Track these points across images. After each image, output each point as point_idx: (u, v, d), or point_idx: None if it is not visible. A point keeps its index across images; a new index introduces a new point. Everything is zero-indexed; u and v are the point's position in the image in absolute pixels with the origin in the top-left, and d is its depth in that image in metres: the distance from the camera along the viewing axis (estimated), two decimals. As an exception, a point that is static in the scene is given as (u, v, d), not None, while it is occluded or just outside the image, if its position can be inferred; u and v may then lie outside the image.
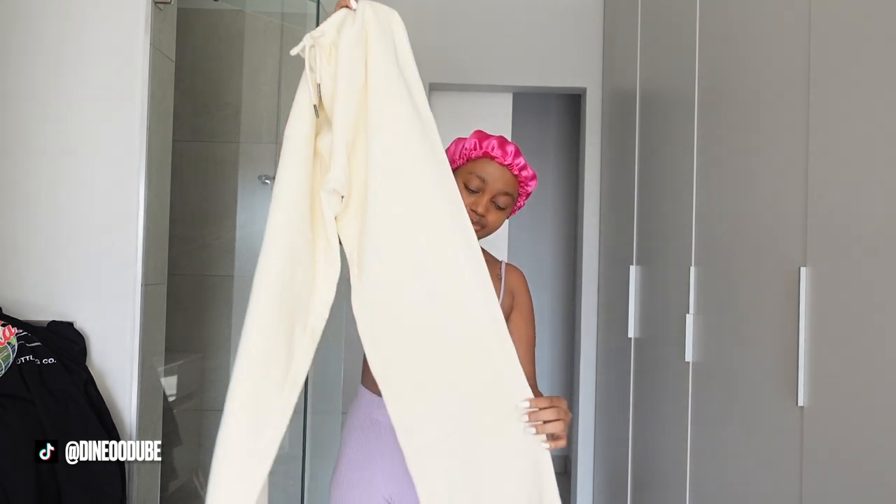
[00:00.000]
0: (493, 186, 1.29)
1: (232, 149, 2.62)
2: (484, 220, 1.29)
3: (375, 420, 1.31)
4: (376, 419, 1.30)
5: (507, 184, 1.30)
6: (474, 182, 1.29)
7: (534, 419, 1.07)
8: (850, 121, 1.03)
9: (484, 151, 1.30)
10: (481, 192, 1.29)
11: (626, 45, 2.41)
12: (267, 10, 2.63)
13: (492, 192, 1.29)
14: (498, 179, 1.29)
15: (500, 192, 1.29)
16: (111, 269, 1.55)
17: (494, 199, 1.29)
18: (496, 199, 1.29)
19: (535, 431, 1.07)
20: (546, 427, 1.08)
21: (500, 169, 1.30)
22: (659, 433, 1.89)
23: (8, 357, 1.38)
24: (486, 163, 1.30)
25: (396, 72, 1.07)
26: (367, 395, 1.34)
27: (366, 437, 1.31)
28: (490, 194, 1.29)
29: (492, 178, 1.29)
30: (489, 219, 1.30)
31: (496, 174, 1.29)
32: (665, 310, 1.87)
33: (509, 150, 1.29)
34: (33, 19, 1.56)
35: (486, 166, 1.30)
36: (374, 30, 1.08)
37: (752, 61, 1.38)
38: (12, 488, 1.27)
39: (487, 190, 1.29)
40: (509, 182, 1.31)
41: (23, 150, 1.56)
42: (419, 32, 2.85)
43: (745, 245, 1.39)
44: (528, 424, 1.07)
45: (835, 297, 1.06)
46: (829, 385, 1.07)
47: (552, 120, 4.19)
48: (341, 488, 1.31)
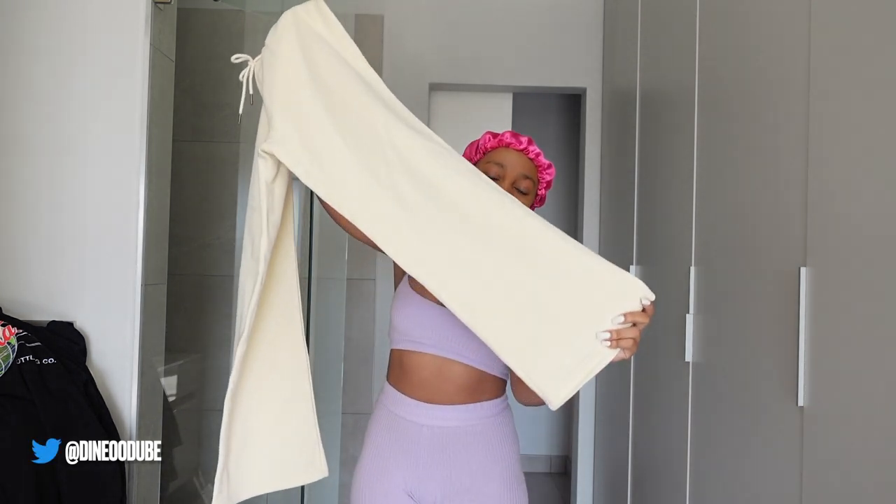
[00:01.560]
0: (512, 171, 1.31)
1: (232, 149, 2.62)
2: None
3: (397, 415, 1.33)
4: (398, 415, 1.33)
5: (526, 167, 1.32)
6: (493, 169, 1.31)
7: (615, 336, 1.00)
8: (850, 121, 1.03)
9: (499, 140, 1.34)
10: (501, 179, 1.31)
11: (626, 45, 2.41)
12: (267, 10, 2.62)
13: (512, 177, 1.31)
14: (516, 164, 1.32)
15: (520, 176, 1.31)
16: (111, 269, 1.55)
17: (515, 183, 1.31)
18: (517, 183, 1.31)
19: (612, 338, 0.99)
20: (624, 333, 1.00)
21: (517, 154, 1.33)
22: (659, 433, 1.89)
23: (8, 357, 1.38)
24: (502, 151, 1.33)
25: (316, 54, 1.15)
26: (391, 391, 1.37)
27: (388, 432, 1.34)
28: (511, 179, 1.31)
29: (510, 163, 1.31)
30: None
31: (514, 159, 1.32)
32: (665, 310, 1.87)
33: (523, 139, 1.33)
34: (33, 19, 1.56)
35: (503, 154, 1.33)
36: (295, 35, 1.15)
37: (752, 61, 1.38)
38: (12, 488, 1.27)
39: (507, 175, 1.31)
40: (527, 166, 1.33)
41: (23, 150, 1.56)
42: (419, 32, 2.86)
43: (745, 245, 1.39)
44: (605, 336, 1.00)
45: (835, 297, 1.06)
46: (829, 385, 1.07)
47: (552, 120, 4.19)
48: (362, 480, 1.34)
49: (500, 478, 1.29)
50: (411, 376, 1.31)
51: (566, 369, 1.00)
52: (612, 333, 0.99)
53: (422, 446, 1.29)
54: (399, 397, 1.33)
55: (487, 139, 1.35)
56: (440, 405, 1.29)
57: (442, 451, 1.29)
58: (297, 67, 1.13)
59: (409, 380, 1.32)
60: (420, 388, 1.30)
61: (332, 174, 1.09)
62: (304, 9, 1.18)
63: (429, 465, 1.29)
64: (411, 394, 1.31)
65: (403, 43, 2.84)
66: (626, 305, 1.00)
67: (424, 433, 1.29)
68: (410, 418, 1.30)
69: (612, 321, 1.00)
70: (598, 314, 1.00)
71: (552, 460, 4.14)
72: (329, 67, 1.14)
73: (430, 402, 1.29)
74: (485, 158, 1.35)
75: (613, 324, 0.99)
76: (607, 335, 0.99)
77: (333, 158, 1.09)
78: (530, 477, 3.88)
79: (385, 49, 2.83)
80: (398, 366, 1.35)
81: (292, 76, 1.12)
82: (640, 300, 1.00)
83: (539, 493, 3.70)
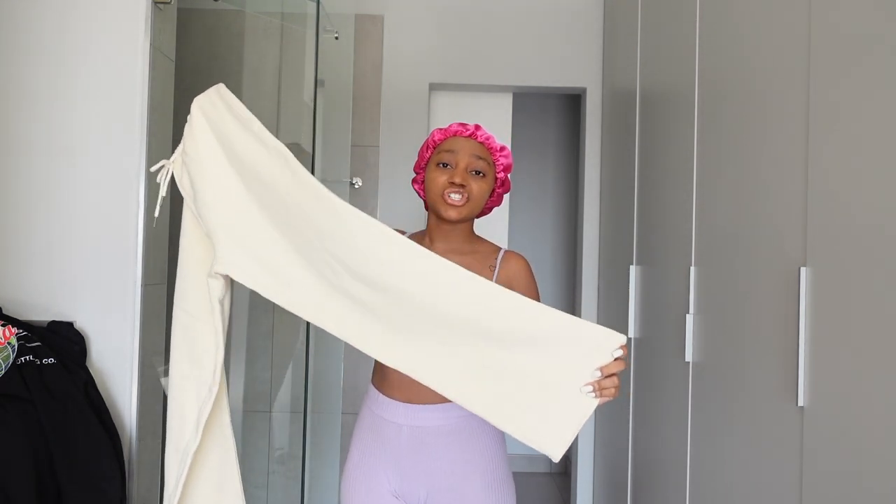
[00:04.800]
0: (462, 155, 1.32)
1: (232, 149, 2.61)
2: (467, 190, 1.31)
3: (379, 416, 1.35)
4: (379, 415, 1.35)
5: (476, 149, 1.34)
6: (444, 157, 1.33)
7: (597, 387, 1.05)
8: (850, 120, 1.03)
9: (446, 132, 1.36)
10: (454, 165, 1.32)
11: (626, 45, 2.41)
12: (267, 10, 2.62)
13: (464, 161, 1.32)
14: (465, 148, 1.33)
15: (472, 158, 1.32)
16: (111, 269, 1.55)
17: (469, 166, 1.32)
18: (471, 165, 1.32)
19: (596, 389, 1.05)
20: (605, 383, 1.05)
21: (465, 140, 1.34)
22: (659, 433, 1.89)
23: (8, 357, 1.37)
24: (451, 140, 1.35)
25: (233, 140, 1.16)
26: (373, 392, 1.39)
27: (371, 433, 1.36)
28: (464, 163, 1.32)
29: (459, 148, 1.33)
30: (472, 188, 1.32)
31: (463, 144, 1.33)
32: (665, 310, 1.87)
33: (470, 126, 1.35)
34: (33, 19, 1.56)
35: (452, 142, 1.35)
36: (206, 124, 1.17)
37: (752, 61, 1.38)
38: (12, 488, 1.27)
39: (459, 160, 1.32)
40: (478, 148, 1.34)
41: (23, 150, 1.56)
42: (419, 32, 2.86)
43: (745, 245, 1.39)
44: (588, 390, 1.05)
45: (835, 297, 1.06)
46: (829, 385, 1.07)
47: (552, 120, 4.19)
48: (349, 482, 1.36)
49: (481, 478, 1.31)
50: (391, 377, 1.33)
51: (559, 426, 1.06)
52: (595, 385, 1.04)
53: (402, 446, 1.31)
54: (380, 398, 1.35)
55: (435, 134, 1.37)
56: (418, 405, 1.31)
57: (421, 450, 1.31)
58: (222, 167, 1.14)
59: (389, 381, 1.34)
60: (398, 388, 1.32)
61: (289, 282, 1.10)
62: (207, 98, 1.19)
63: (410, 465, 1.31)
64: (391, 394, 1.34)
65: (403, 43, 2.84)
66: (600, 360, 1.05)
67: (404, 433, 1.31)
68: (390, 419, 1.33)
69: (591, 375, 1.05)
70: (578, 371, 1.05)
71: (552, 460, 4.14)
72: (249, 153, 1.15)
73: (409, 401, 1.31)
74: (436, 151, 1.36)
75: (593, 377, 1.05)
76: (590, 388, 1.04)
77: (284, 264, 1.10)
78: (530, 477, 3.88)
79: (385, 49, 2.83)
80: (380, 367, 1.37)
81: (222, 178, 1.13)
82: (612, 353, 1.05)
83: (539, 493, 3.70)
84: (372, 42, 2.82)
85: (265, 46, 2.63)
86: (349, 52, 2.76)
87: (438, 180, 1.31)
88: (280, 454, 2.55)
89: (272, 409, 2.55)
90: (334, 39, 2.67)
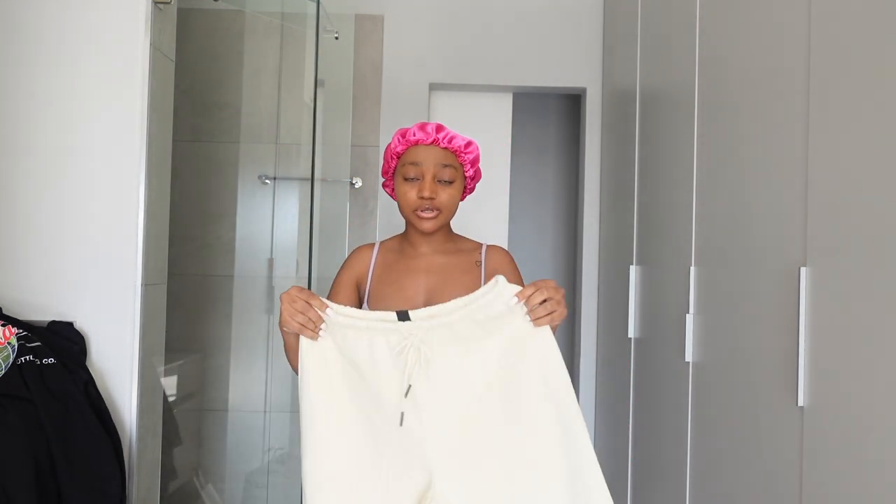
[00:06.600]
0: (428, 166, 1.28)
1: (232, 149, 2.62)
2: (437, 202, 1.28)
3: None
4: None
5: (441, 157, 1.29)
6: (410, 171, 1.28)
7: (529, 308, 1.11)
8: (850, 121, 1.03)
9: (406, 141, 1.30)
10: (421, 178, 1.28)
11: (626, 45, 2.41)
12: (267, 10, 2.63)
13: (431, 172, 1.28)
14: (429, 158, 1.28)
15: (438, 168, 1.28)
16: (111, 269, 1.55)
17: (437, 176, 1.28)
18: (438, 175, 1.28)
19: (532, 319, 1.11)
20: (538, 310, 1.11)
21: (428, 148, 1.29)
22: (659, 433, 1.89)
23: (8, 357, 1.38)
24: (413, 149, 1.30)
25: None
26: None
27: None
28: (430, 174, 1.27)
29: (423, 159, 1.28)
30: (442, 199, 1.28)
31: (426, 154, 1.28)
32: (665, 310, 1.87)
33: (429, 129, 1.29)
34: (33, 20, 1.57)
35: (415, 152, 1.29)
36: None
37: (752, 61, 1.38)
38: (12, 488, 1.27)
39: (425, 171, 1.28)
40: (442, 155, 1.29)
41: (23, 150, 1.56)
42: (419, 32, 2.86)
43: (745, 245, 1.39)
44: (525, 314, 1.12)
45: (835, 297, 1.06)
46: (829, 385, 1.07)
47: (552, 120, 4.19)
48: None
49: None
50: None
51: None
52: (531, 315, 1.11)
53: None
54: None
55: (396, 143, 1.31)
56: None
57: None
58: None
59: None
60: None
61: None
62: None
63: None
64: None
65: (403, 43, 2.84)
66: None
67: None
68: None
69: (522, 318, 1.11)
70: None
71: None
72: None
73: None
74: (400, 164, 1.31)
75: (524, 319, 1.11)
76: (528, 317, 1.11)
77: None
78: (530, 477, 3.88)
79: (385, 49, 2.83)
80: None
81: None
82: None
83: (539, 493, 3.69)
84: (372, 42, 2.82)
85: (265, 46, 2.63)
86: (349, 52, 2.76)
87: (408, 196, 1.28)
88: (280, 454, 2.55)
89: (271, 409, 2.55)
90: (334, 39, 2.68)
